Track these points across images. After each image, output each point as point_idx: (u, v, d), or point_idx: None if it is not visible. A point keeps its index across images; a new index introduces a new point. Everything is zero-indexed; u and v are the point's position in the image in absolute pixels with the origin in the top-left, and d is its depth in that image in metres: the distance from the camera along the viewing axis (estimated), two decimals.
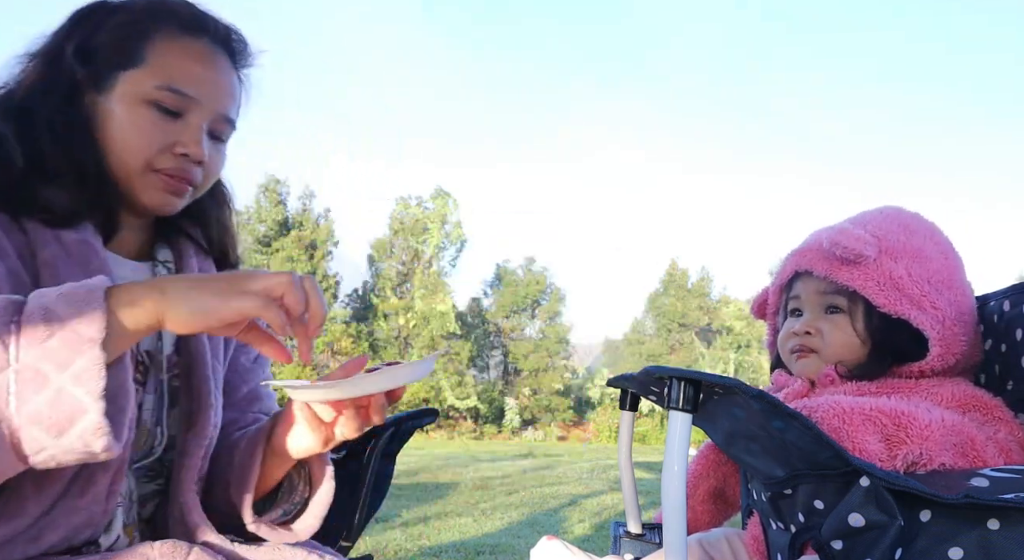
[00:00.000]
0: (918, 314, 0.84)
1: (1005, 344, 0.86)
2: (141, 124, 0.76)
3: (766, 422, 0.64)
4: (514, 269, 27.18)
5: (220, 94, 0.81)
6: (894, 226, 0.90)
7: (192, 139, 0.78)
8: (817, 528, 0.66)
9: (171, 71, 0.77)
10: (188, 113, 0.78)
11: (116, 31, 0.77)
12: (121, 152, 0.76)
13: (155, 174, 0.77)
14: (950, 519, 0.60)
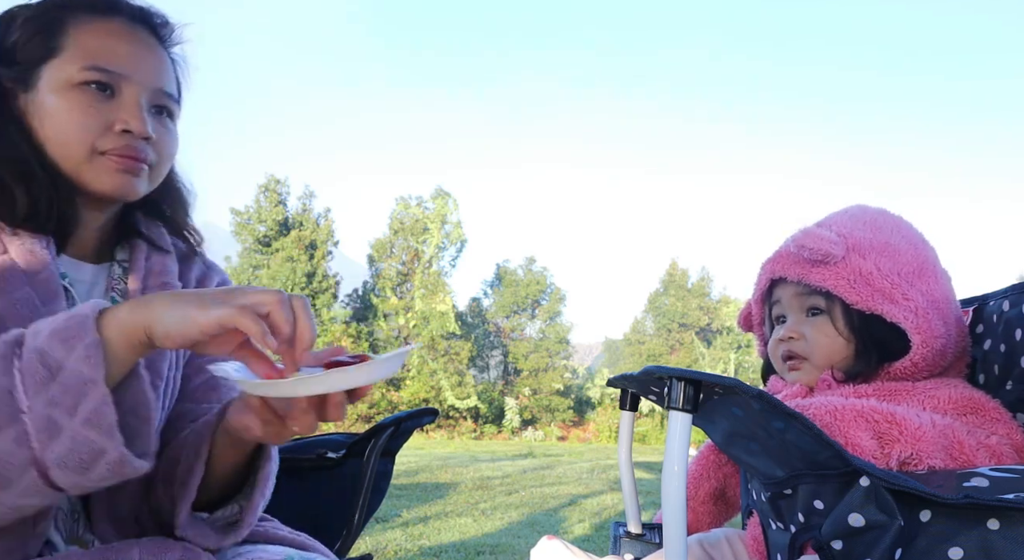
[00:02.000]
0: (891, 307, 0.85)
1: (1005, 344, 0.86)
2: (75, 108, 0.74)
3: (766, 422, 0.64)
4: (514, 269, 27.16)
5: (149, 67, 0.79)
6: (859, 224, 0.92)
7: (131, 114, 0.76)
8: (817, 528, 0.66)
9: (92, 51, 0.76)
10: (121, 90, 0.77)
11: (27, 28, 0.76)
12: (63, 142, 0.75)
13: (102, 157, 0.76)
14: (950, 519, 0.60)
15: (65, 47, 0.76)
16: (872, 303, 0.85)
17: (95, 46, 0.76)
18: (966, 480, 0.62)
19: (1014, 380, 0.84)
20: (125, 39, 0.79)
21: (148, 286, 0.85)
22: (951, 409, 0.80)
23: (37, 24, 0.76)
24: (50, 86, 0.75)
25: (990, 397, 0.83)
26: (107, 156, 0.76)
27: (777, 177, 50.45)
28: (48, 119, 0.75)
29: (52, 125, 0.75)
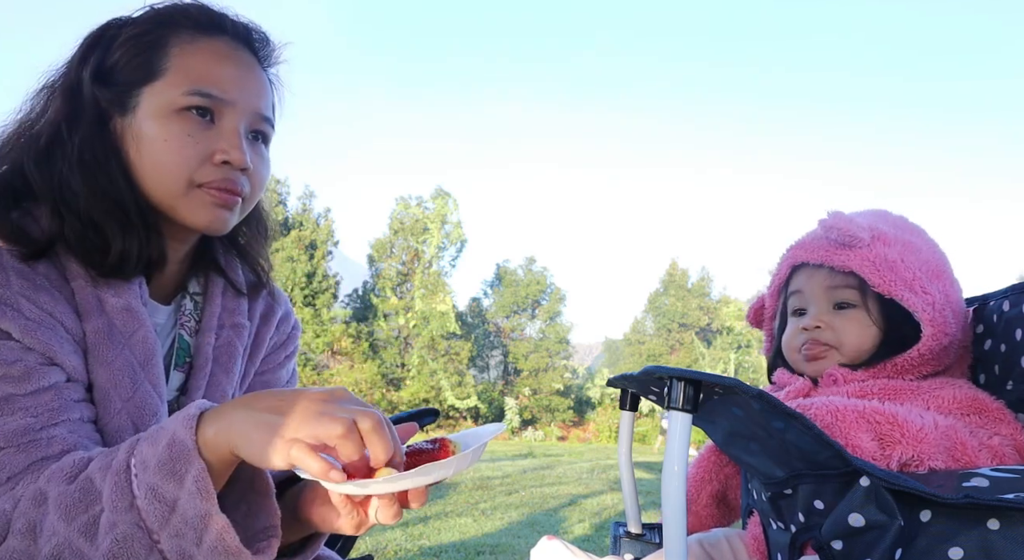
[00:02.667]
0: (911, 296, 0.85)
1: (1005, 344, 0.86)
2: (175, 137, 0.70)
3: (766, 422, 0.64)
4: (514, 269, 27.16)
5: (250, 91, 0.75)
6: (884, 222, 0.93)
7: (231, 144, 0.72)
8: (817, 528, 0.66)
9: (195, 74, 0.71)
10: (222, 117, 0.72)
11: (129, 46, 0.71)
12: (160, 173, 0.70)
13: (200, 190, 0.72)
14: (950, 519, 0.60)
15: (167, 70, 0.71)
16: (894, 289, 0.85)
17: (199, 69, 0.71)
18: (966, 480, 0.62)
19: (1014, 380, 0.84)
20: (229, 61, 0.74)
21: (223, 324, 0.83)
22: (955, 409, 0.80)
23: (140, 44, 0.72)
24: (150, 111, 0.70)
25: (994, 398, 0.82)
26: (204, 189, 0.72)
27: (777, 177, 50.50)
28: (146, 147, 0.70)
29: (150, 155, 0.70)
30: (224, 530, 0.55)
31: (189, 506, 0.54)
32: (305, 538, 0.75)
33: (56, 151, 0.69)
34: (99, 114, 0.71)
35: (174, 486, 0.55)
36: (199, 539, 0.54)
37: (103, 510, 0.55)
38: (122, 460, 0.57)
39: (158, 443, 0.56)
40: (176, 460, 0.55)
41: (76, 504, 0.55)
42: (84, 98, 0.70)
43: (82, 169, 0.69)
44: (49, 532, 0.54)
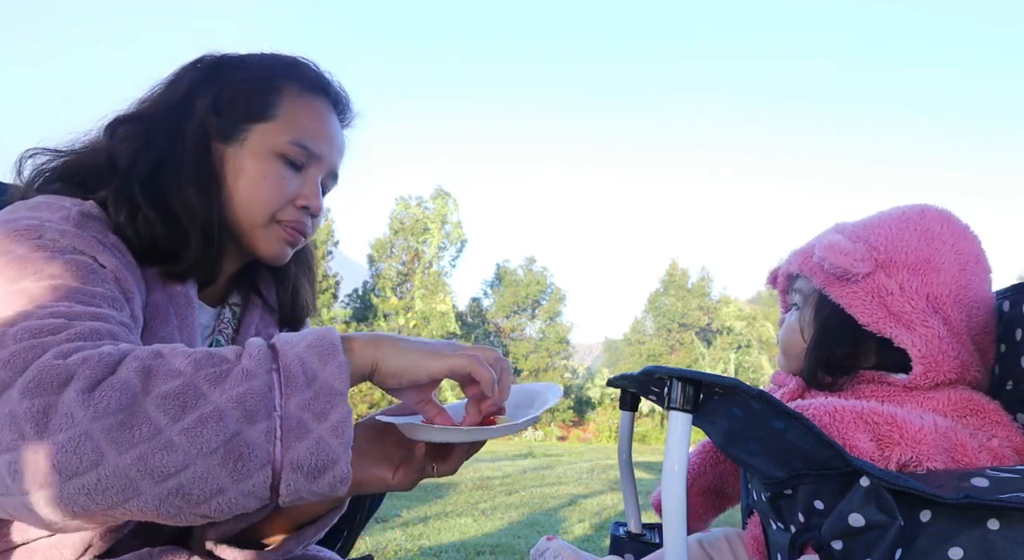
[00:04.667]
0: (902, 332, 0.81)
1: (1005, 344, 0.86)
2: (271, 176, 0.79)
3: (766, 422, 0.64)
4: (514, 269, 27.17)
5: (335, 151, 0.86)
6: (908, 233, 0.86)
7: (312, 192, 0.83)
8: (817, 528, 0.66)
9: (299, 128, 0.81)
10: (309, 168, 0.83)
11: (248, 85, 0.80)
12: (251, 203, 0.79)
13: (277, 225, 0.82)
14: (950, 519, 0.60)
15: (277, 116, 0.80)
16: (883, 326, 0.82)
17: (303, 124, 0.81)
18: (966, 480, 0.62)
19: (1014, 380, 0.84)
20: (326, 122, 0.84)
21: (258, 333, 0.91)
22: (950, 411, 0.80)
23: (257, 86, 0.81)
24: (255, 148, 0.79)
25: (990, 399, 0.82)
26: (281, 225, 0.82)
27: (777, 177, 50.47)
28: (243, 178, 0.79)
29: (245, 185, 0.79)
30: (348, 416, 0.57)
31: (326, 384, 0.57)
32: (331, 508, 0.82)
33: (166, 161, 0.77)
34: (204, 136, 0.79)
35: (318, 364, 0.57)
36: (324, 414, 0.56)
37: (237, 366, 0.56)
38: (259, 341, 0.60)
39: (302, 335, 0.60)
40: (325, 347, 0.59)
41: (206, 358, 0.56)
42: (196, 120, 0.79)
43: (187, 183, 0.76)
44: (169, 374, 0.54)
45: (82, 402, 0.51)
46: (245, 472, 0.53)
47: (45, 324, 0.57)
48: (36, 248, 0.64)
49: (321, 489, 0.57)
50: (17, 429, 0.50)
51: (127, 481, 0.51)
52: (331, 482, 0.57)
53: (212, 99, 0.79)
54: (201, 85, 0.81)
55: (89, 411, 0.51)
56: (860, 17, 45.66)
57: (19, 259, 0.62)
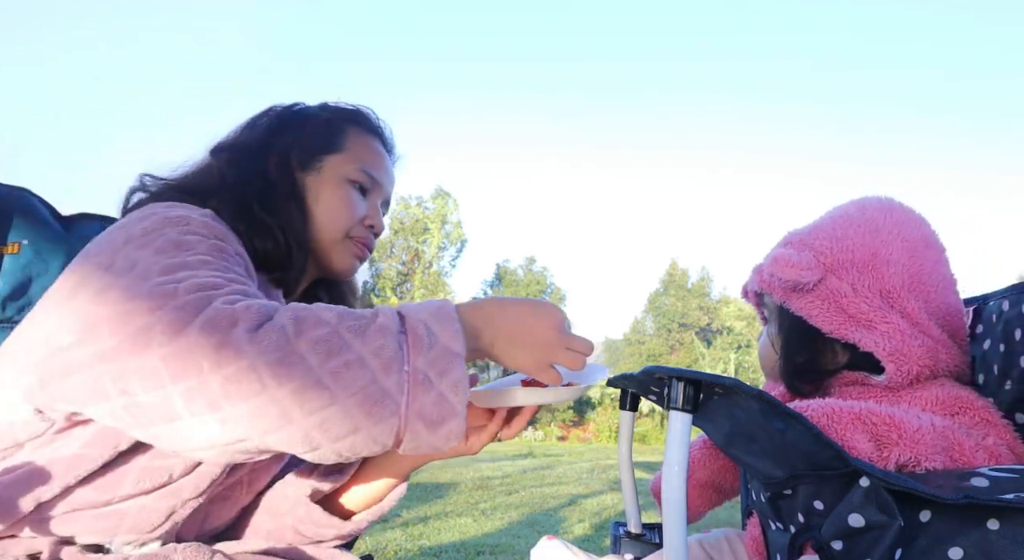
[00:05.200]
0: (864, 334, 0.82)
1: (1004, 344, 0.86)
2: (344, 198, 0.93)
3: (766, 422, 0.64)
4: (514, 269, 27.18)
5: (390, 182, 1.02)
6: (852, 230, 0.86)
7: (376, 214, 0.97)
8: (817, 528, 0.66)
9: (365, 158, 0.96)
10: (371, 193, 0.97)
11: (321, 126, 0.96)
12: (330, 221, 0.92)
13: (349, 241, 0.95)
14: (950, 519, 0.60)
15: (346, 149, 0.95)
16: (845, 331, 0.83)
17: (366, 156, 0.97)
18: (966, 480, 0.62)
19: (1013, 380, 0.84)
20: (382, 156, 1.00)
21: None
22: (938, 410, 0.79)
23: (330, 125, 0.97)
24: (330, 175, 0.93)
25: (979, 396, 0.82)
26: (353, 241, 0.95)
27: (777, 177, 50.47)
28: (322, 200, 0.92)
29: (324, 206, 0.92)
30: (464, 375, 0.64)
31: (445, 346, 0.64)
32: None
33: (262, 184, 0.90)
34: (288, 166, 0.93)
35: (439, 328, 0.65)
36: (444, 372, 0.63)
37: (374, 322, 0.64)
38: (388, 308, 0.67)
39: (423, 305, 0.68)
40: (443, 314, 0.66)
41: (347, 312, 0.64)
42: (279, 153, 0.93)
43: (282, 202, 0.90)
44: (317, 322, 0.62)
45: (248, 340, 0.59)
46: (378, 416, 0.60)
47: (208, 282, 0.66)
48: (186, 233, 0.74)
49: (437, 441, 0.63)
50: (195, 362, 0.58)
51: (282, 410, 0.58)
52: (446, 434, 0.63)
53: (292, 137, 0.94)
54: (280, 125, 0.95)
55: (254, 347, 0.59)
56: (860, 17, 45.67)
57: (174, 240, 0.72)
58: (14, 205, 0.96)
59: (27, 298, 0.96)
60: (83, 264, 0.72)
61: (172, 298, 0.62)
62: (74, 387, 0.63)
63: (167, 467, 0.73)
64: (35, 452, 0.70)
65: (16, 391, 0.68)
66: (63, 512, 0.72)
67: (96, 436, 0.70)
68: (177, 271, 0.67)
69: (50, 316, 0.68)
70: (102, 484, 0.72)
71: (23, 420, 0.69)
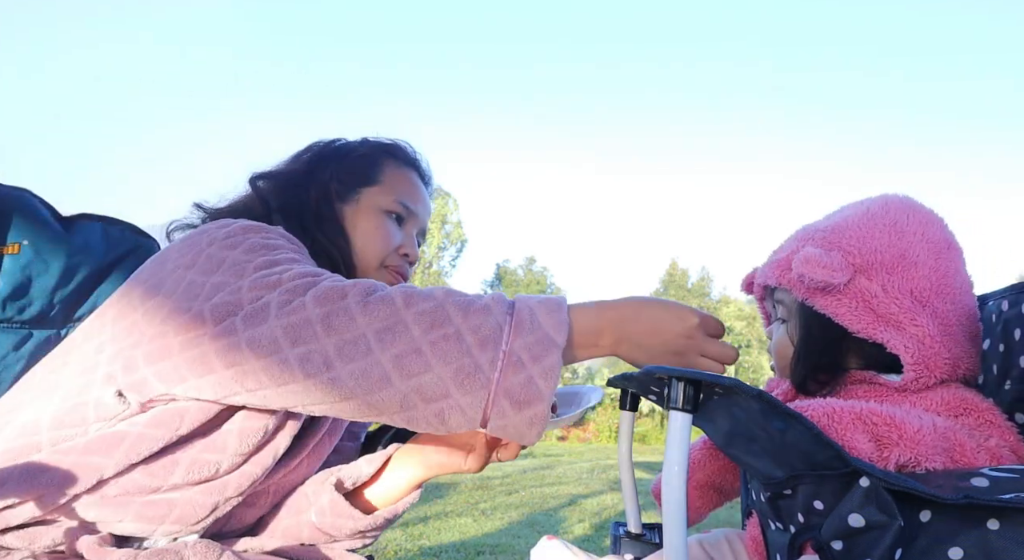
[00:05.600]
0: (894, 334, 0.81)
1: (1004, 344, 0.86)
2: (381, 228, 0.98)
3: (766, 422, 0.64)
4: (514, 269, 27.18)
5: (425, 211, 1.06)
6: (877, 231, 0.86)
7: (411, 244, 1.02)
8: (817, 528, 0.66)
9: (401, 190, 1.01)
10: (407, 223, 1.02)
11: (359, 160, 1.02)
12: (368, 249, 0.97)
13: (385, 269, 0.99)
14: (950, 519, 0.60)
15: (383, 181, 1.00)
16: (874, 332, 0.81)
17: (403, 187, 1.02)
18: (966, 480, 0.62)
19: (1012, 380, 0.84)
20: (418, 188, 1.05)
21: None
22: (943, 411, 0.79)
23: (367, 160, 1.02)
24: (368, 206, 0.99)
25: (983, 398, 0.81)
26: (388, 270, 1.00)
27: (777, 177, 50.45)
28: (360, 229, 0.97)
29: (362, 234, 0.97)
30: (557, 364, 0.67)
31: (545, 334, 0.67)
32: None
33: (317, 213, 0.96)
34: (328, 197, 0.98)
35: (545, 316, 0.69)
36: (539, 358, 0.66)
37: (480, 302, 0.69)
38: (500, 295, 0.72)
39: (536, 296, 0.73)
40: (551, 305, 0.70)
41: (455, 291, 0.70)
42: (320, 185, 0.98)
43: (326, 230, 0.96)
44: (425, 296, 0.68)
45: (360, 308, 0.67)
46: (469, 388, 0.65)
47: (308, 270, 0.74)
48: (268, 238, 0.81)
49: (521, 423, 0.66)
50: (311, 329, 0.67)
51: (383, 373, 0.65)
52: (530, 418, 0.66)
53: (332, 170, 0.99)
54: (321, 159, 1.01)
55: (364, 315, 0.67)
56: (862, 18, 45.70)
57: (260, 243, 0.79)
58: (14, 205, 0.96)
59: (27, 298, 0.95)
60: (159, 267, 0.80)
61: (278, 285, 0.71)
62: (173, 367, 0.71)
63: (215, 462, 0.78)
64: (100, 432, 0.75)
65: (94, 377, 0.75)
66: (116, 493, 0.76)
67: (159, 418, 0.75)
68: (273, 266, 0.75)
69: (130, 312, 0.76)
70: (155, 470, 0.76)
71: (96, 401, 0.74)
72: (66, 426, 0.74)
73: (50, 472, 0.72)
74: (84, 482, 0.73)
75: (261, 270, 0.74)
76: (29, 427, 0.75)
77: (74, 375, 0.77)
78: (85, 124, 39.55)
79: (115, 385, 0.74)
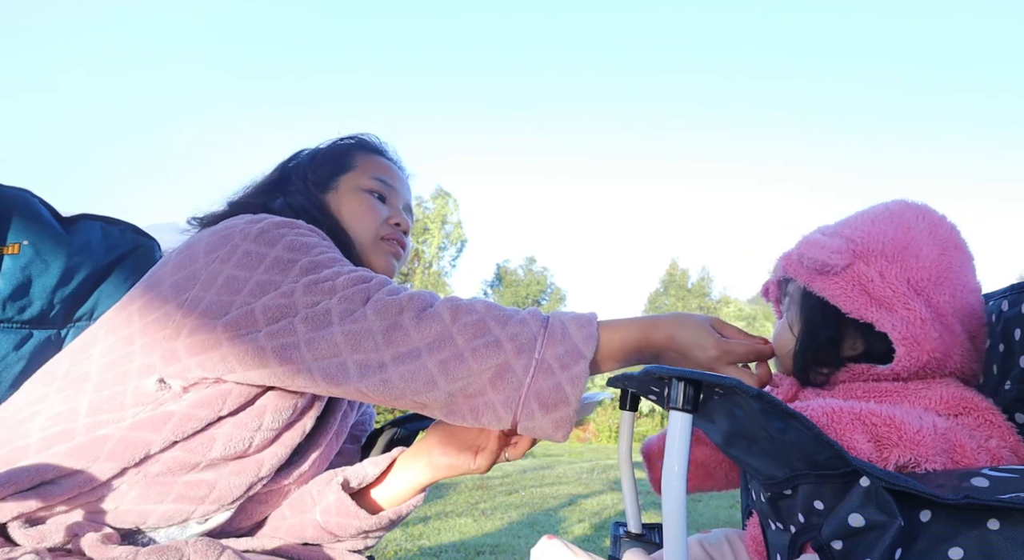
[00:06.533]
0: (884, 315, 0.82)
1: (1004, 344, 0.86)
2: (365, 204, 1.03)
3: (766, 422, 0.64)
4: (514, 269, 27.18)
5: (404, 188, 1.12)
6: (884, 224, 0.87)
7: (398, 213, 1.08)
8: (817, 528, 0.66)
9: (375, 170, 1.07)
10: (389, 198, 1.07)
11: (329, 152, 1.08)
12: (357, 228, 1.02)
13: (383, 241, 1.04)
14: (950, 519, 0.60)
15: (356, 166, 1.07)
16: (865, 311, 0.83)
17: (375, 168, 1.08)
18: (966, 480, 0.62)
19: (1012, 380, 0.84)
20: (390, 168, 1.11)
21: None
22: (943, 410, 0.79)
23: (337, 150, 1.09)
24: (347, 189, 1.04)
25: (983, 397, 0.82)
26: (385, 241, 1.04)
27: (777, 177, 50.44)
28: (347, 209, 1.02)
29: (350, 214, 1.02)
30: (583, 373, 0.74)
31: (574, 345, 0.75)
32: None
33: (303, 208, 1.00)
34: (310, 190, 1.03)
35: (575, 330, 0.76)
36: (567, 366, 0.73)
37: (518, 315, 0.77)
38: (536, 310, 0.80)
39: (570, 312, 0.80)
40: (582, 320, 0.78)
41: (496, 306, 0.78)
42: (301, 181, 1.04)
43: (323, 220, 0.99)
44: (469, 311, 0.76)
45: (415, 324, 0.75)
46: (502, 388, 0.73)
47: (359, 275, 0.81)
48: (301, 234, 0.85)
49: (548, 424, 0.73)
50: (372, 340, 0.75)
51: (430, 376, 0.73)
52: (557, 420, 0.73)
53: (305, 168, 1.05)
54: (296, 161, 1.08)
55: (418, 331, 0.75)
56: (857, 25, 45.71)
57: (296, 241, 0.84)
58: (14, 205, 0.96)
59: (27, 299, 0.96)
60: (191, 257, 0.83)
61: (333, 292, 0.77)
62: (220, 358, 0.76)
63: (248, 437, 0.82)
64: (141, 416, 0.78)
65: (130, 367, 0.79)
66: (158, 472, 0.79)
67: (203, 399, 0.79)
68: (320, 268, 0.81)
69: (160, 305, 0.81)
70: (194, 447, 0.80)
71: (134, 390, 0.79)
72: (103, 412, 0.78)
73: (98, 446, 0.76)
74: (132, 455, 0.76)
75: (310, 273, 0.80)
76: (63, 415, 0.78)
77: (103, 367, 0.80)
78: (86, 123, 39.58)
79: (155, 374, 0.78)
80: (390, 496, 0.95)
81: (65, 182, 33.75)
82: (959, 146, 46.85)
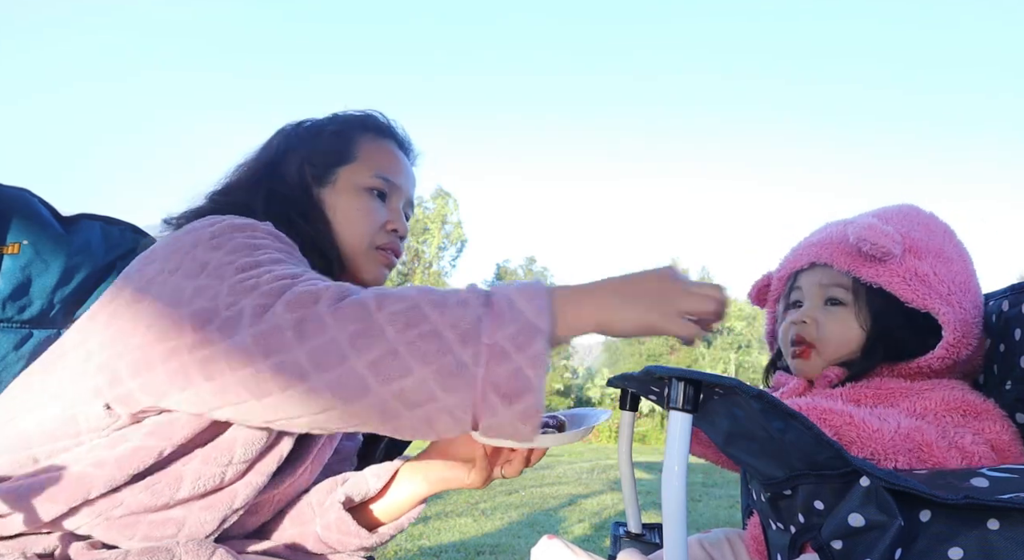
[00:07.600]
0: (946, 309, 0.83)
1: (1004, 344, 0.86)
2: (363, 207, 0.93)
3: (766, 422, 0.64)
4: (514, 269, 27.16)
5: (408, 181, 1.01)
6: (916, 225, 0.89)
7: (397, 217, 0.97)
8: (817, 528, 0.66)
9: (379, 163, 0.96)
10: (391, 197, 0.97)
11: (331, 138, 0.96)
12: (349, 233, 0.92)
13: (376, 251, 0.95)
14: (950, 519, 0.60)
15: (358, 157, 0.95)
16: (929, 302, 0.83)
17: (379, 160, 0.96)
18: (966, 480, 0.62)
19: (1013, 380, 0.84)
20: (397, 158, 0.99)
21: None
22: (942, 410, 0.80)
23: (339, 138, 0.96)
24: (345, 186, 0.94)
25: (984, 398, 0.82)
26: (379, 251, 0.95)
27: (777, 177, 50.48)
28: (341, 212, 0.93)
29: (344, 218, 0.93)
30: (544, 351, 0.62)
31: (528, 321, 0.63)
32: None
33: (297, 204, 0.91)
34: (304, 183, 0.93)
35: (525, 303, 0.64)
36: (524, 346, 0.62)
37: (455, 296, 0.64)
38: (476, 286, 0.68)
39: (516, 284, 0.67)
40: (531, 290, 0.65)
41: (430, 289, 0.66)
42: (293, 171, 0.94)
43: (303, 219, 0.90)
44: (398, 297, 0.64)
45: (330, 313, 0.62)
46: (453, 387, 0.61)
47: (286, 273, 0.69)
48: (254, 237, 0.77)
49: (514, 417, 0.61)
50: (281, 336, 0.62)
51: (360, 380, 0.61)
52: (524, 411, 0.61)
53: (304, 154, 0.94)
54: (290, 144, 0.96)
55: (336, 320, 0.62)
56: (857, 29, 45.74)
57: (245, 243, 0.75)
58: (14, 205, 0.96)
59: (27, 298, 0.96)
60: (146, 268, 0.76)
61: (254, 290, 0.66)
62: (155, 379, 0.67)
63: (219, 473, 0.76)
64: (91, 451, 0.72)
65: (82, 388, 0.72)
66: (121, 514, 0.73)
67: (152, 429, 0.72)
68: (252, 269, 0.70)
69: (117, 318, 0.72)
70: (159, 488, 0.74)
71: (86, 414, 0.71)
72: (59, 438, 0.72)
73: (40, 485, 0.70)
74: (73, 497, 0.70)
75: (240, 273, 0.69)
76: (23, 440, 0.73)
77: (67, 383, 0.74)
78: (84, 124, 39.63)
79: (102, 398, 0.71)
80: (389, 508, 0.92)
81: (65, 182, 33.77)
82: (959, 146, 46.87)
